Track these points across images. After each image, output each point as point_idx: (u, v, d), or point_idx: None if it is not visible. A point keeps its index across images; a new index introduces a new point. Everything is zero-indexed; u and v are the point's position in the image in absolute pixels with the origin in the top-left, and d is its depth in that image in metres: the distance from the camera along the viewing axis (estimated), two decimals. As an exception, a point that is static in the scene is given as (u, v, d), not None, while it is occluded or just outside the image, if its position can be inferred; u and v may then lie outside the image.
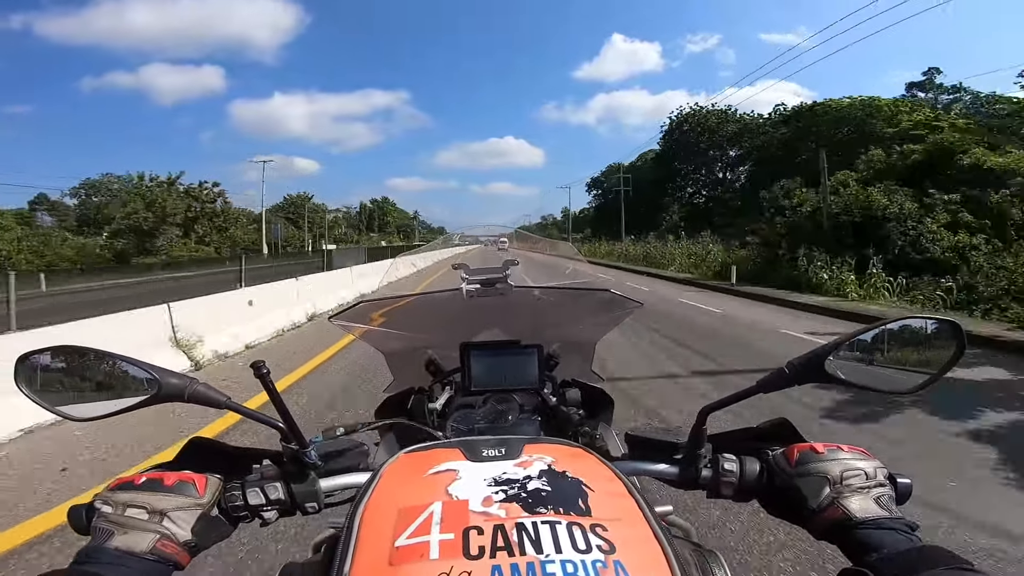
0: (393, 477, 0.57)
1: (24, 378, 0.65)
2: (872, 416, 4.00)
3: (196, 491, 0.60)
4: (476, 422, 1.02)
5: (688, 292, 13.60)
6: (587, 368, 1.25)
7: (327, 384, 5.14)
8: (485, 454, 0.59)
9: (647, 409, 4.23)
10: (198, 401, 0.64)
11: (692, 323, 8.73)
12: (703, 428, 0.71)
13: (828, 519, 0.59)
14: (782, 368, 0.65)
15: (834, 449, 0.64)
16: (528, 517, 0.47)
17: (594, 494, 0.52)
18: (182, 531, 0.57)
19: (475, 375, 1.04)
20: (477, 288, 1.14)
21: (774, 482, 0.67)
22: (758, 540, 2.30)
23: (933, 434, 3.71)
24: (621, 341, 6.55)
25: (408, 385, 1.14)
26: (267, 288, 8.75)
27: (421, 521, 0.47)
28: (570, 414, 1.01)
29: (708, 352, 6.39)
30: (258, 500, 0.66)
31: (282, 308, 8.32)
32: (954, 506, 2.61)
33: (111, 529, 0.54)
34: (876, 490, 0.60)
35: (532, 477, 0.53)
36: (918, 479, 0.64)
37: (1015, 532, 2.38)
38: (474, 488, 0.52)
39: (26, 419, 3.85)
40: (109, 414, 0.65)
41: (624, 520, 0.49)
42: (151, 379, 0.63)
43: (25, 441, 3.80)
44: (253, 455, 0.73)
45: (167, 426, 3.74)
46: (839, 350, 0.64)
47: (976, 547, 2.25)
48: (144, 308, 5.86)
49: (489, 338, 1.18)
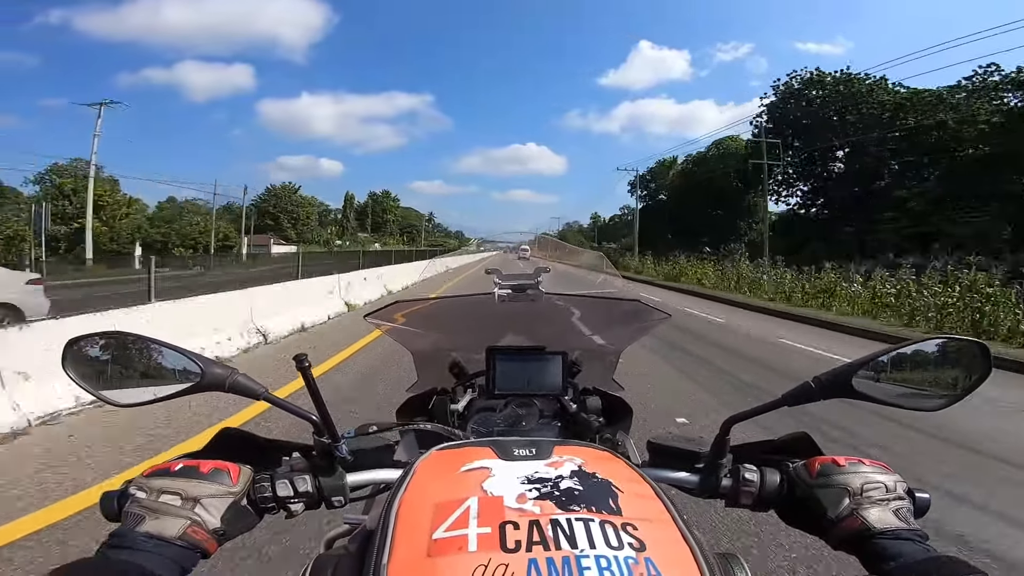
0: (427, 473, 0.58)
1: (71, 362, 0.67)
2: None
3: (230, 480, 0.61)
4: (496, 425, 1.04)
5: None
6: (609, 376, 1.26)
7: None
8: (516, 453, 0.60)
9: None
10: (237, 391, 0.65)
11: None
12: (726, 439, 0.73)
13: (846, 529, 0.61)
14: (808, 382, 0.67)
15: (855, 463, 0.65)
16: (562, 514, 0.48)
17: (623, 495, 0.53)
18: (212, 518, 0.58)
19: (499, 379, 1.05)
20: (508, 293, 1.16)
21: (794, 492, 0.68)
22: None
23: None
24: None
25: (431, 385, 1.16)
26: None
27: (458, 515, 0.49)
28: (590, 421, 1.03)
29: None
30: (287, 492, 0.67)
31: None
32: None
33: (143, 514, 0.55)
34: (895, 503, 0.62)
35: (564, 477, 0.55)
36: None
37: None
38: (508, 485, 0.53)
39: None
40: (151, 401, 0.66)
41: (653, 521, 0.50)
42: (195, 368, 0.65)
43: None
44: (282, 447, 0.75)
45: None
46: (866, 367, 0.66)
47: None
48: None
49: (514, 343, 1.19)
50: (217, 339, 6.22)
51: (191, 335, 5.58)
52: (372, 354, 6.45)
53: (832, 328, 11.07)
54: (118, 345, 0.68)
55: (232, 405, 4.04)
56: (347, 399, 4.60)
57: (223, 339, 6.37)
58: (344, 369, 5.93)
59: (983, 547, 2.49)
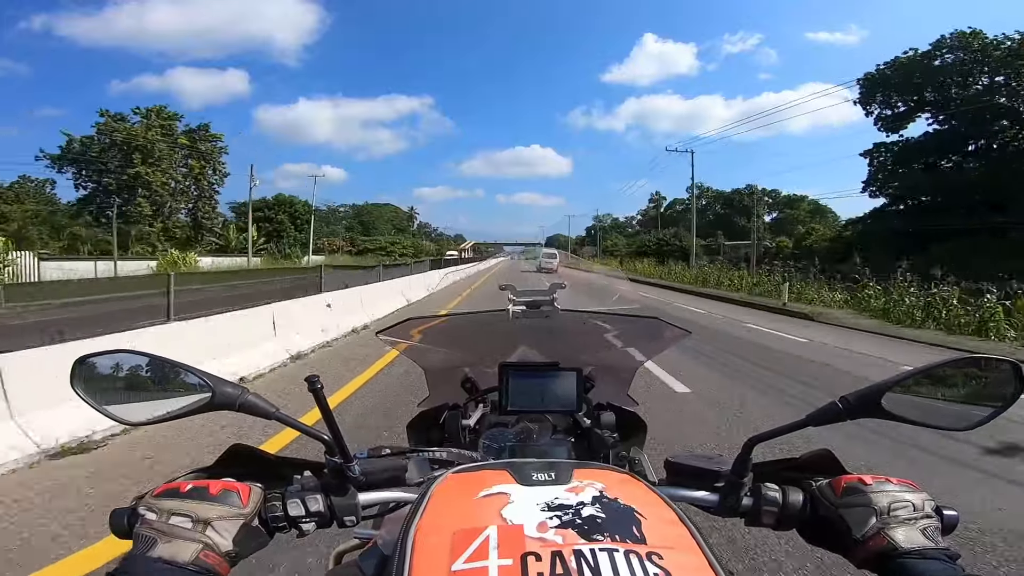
0: (443, 498, 0.56)
1: (80, 380, 0.66)
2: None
3: (240, 501, 0.59)
4: (508, 441, 1.02)
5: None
6: (623, 392, 1.24)
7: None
8: (535, 478, 0.59)
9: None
10: (248, 411, 0.64)
11: None
12: (748, 458, 0.71)
13: (872, 548, 0.59)
14: (835, 402, 0.65)
15: (882, 481, 0.64)
16: (585, 544, 0.47)
17: (647, 521, 0.51)
18: (224, 541, 0.56)
19: (513, 396, 1.04)
20: (523, 310, 1.15)
21: (818, 512, 0.67)
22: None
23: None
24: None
25: (443, 401, 1.15)
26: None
27: (478, 545, 0.47)
28: (604, 437, 1.01)
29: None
30: (298, 511, 0.66)
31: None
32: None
33: (154, 537, 0.54)
34: (923, 521, 0.60)
35: (585, 503, 0.53)
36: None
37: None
38: (528, 513, 0.52)
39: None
40: (160, 419, 0.65)
41: (678, 548, 0.48)
42: (205, 387, 0.64)
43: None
44: (293, 465, 0.74)
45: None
46: (896, 387, 0.64)
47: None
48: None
49: (527, 358, 1.18)
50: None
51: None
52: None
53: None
54: (127, 363, 0.67)
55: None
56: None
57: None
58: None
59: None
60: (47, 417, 3.47)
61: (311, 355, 6.84)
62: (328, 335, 7.74)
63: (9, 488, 2.95)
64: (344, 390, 5.18)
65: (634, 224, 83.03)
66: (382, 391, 5.16)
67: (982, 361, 0.67)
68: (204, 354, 4.98)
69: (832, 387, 5.59)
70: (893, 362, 7.27)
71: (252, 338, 6.03)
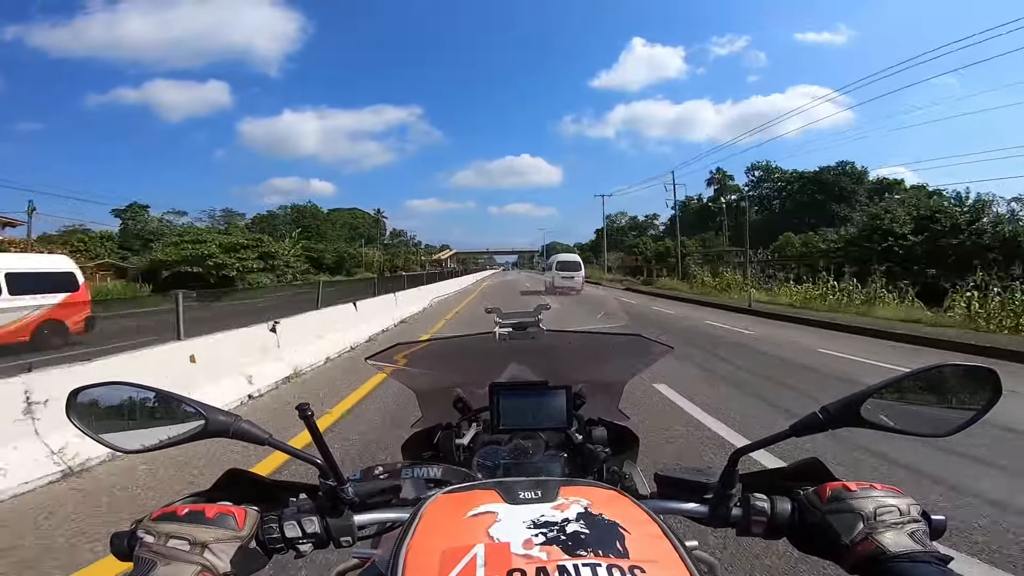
0: (433, 517, 0.57)
1: (76, 411, 0.68)
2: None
3: (236, 523, 0.61)
4: (502, 459, 1.03)
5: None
6: (614, 407, 1.25)
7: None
8: (522, 496, 0.60)
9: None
10: (242, 438, 0.66)
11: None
12: (735, 469, 0.72)
13: (861, 553, 0.60)
14: (816, 413, 0.66)
15: (867, 487, 0.65)
16: (569, 560, 0.48)
17: (631, 536, 0.52)
18: (222, 563, 0.58)
19: (504, 415, 1.05)
20: (509, 332, 1.16)
21: (806, 519, 0.68)
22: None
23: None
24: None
25: (435, 421, 1.16)
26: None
27: (466, 563, 0.48)
28: (596, 452, 1.02)
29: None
30: (294, 533, 0.67)
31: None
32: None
33: (154, 560, 0.56)
34: (910, 526, 0.61)
35: (570, 520, 0.54)
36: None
37: None
38: (514, 530, 0.53)
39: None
40: (156, 447, 0.67)
41: (660, 562, 0.49)
42: (198, 416, 0.66)
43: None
44: (288, 488, 0.75)
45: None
46: (874, 396, 0.66)
47: None
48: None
49: (517, 377, 1.19)
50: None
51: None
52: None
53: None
54: (122, 394, 0.69)
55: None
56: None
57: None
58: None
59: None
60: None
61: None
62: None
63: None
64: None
65: (661, 222, 70.21)
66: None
67: (960, 368, 0.69)
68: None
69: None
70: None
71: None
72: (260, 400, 5.66)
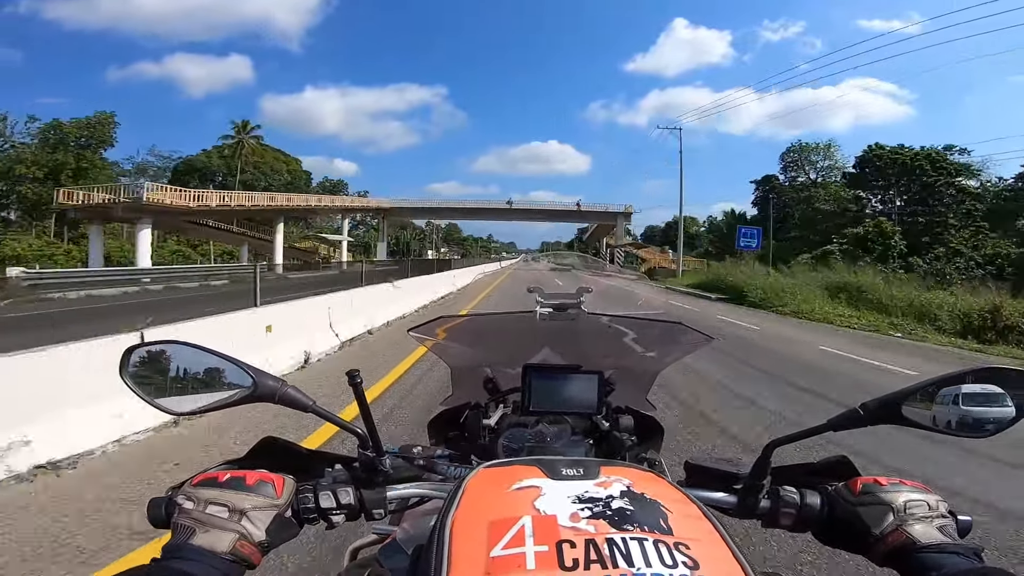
0: (477, 490, 0.58)
1: (128, 370, 0.69)
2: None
3: (275, 491, 0.61)
4: (527, 441, 1.04)
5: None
6: (642, 397, 1.26)
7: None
8: (564, 472, 0.61)
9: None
10: (287, 403, 0.67)
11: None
12: (768, 461, 0.73)
13: (891, 544, 0.62)
14: (856, 408, 0.67)
15: (896, 483, 0.66)
16: (617, 533, 0.49)
17: (672, 515, 0.53)
18: (258, 531, 0.59)
19: (535, 396, 1.06)
20: (550, 312, 1.17)
21: (835, 512, 0.69)
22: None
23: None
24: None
25: (465, 400, 1.17)
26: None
27: (514, 533, 0.49)
28: (623, 439, 1.03)
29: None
30: (329, 503, 0.68)
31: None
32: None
33: (193, 526, 0.57)
34: (939, 520, 0.62)
35: (614, 497, 0.55)
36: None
37: None
38: (560, 504, 0.54)
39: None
40: (204, 410, 0.68)
41: (703, 540, 0.50)
42: (247, 379, 0.67)
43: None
44: (323, 458, 0.76)
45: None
46: (916, 395, 0.67)
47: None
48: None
49: (550, 360, 1.20)
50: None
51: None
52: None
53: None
54: (174, 354, 0.70)
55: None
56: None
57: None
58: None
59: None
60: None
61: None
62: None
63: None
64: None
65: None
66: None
67: (1001, 371, 0.69)
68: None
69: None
70: None
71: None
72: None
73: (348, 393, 0.71)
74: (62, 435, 3.33)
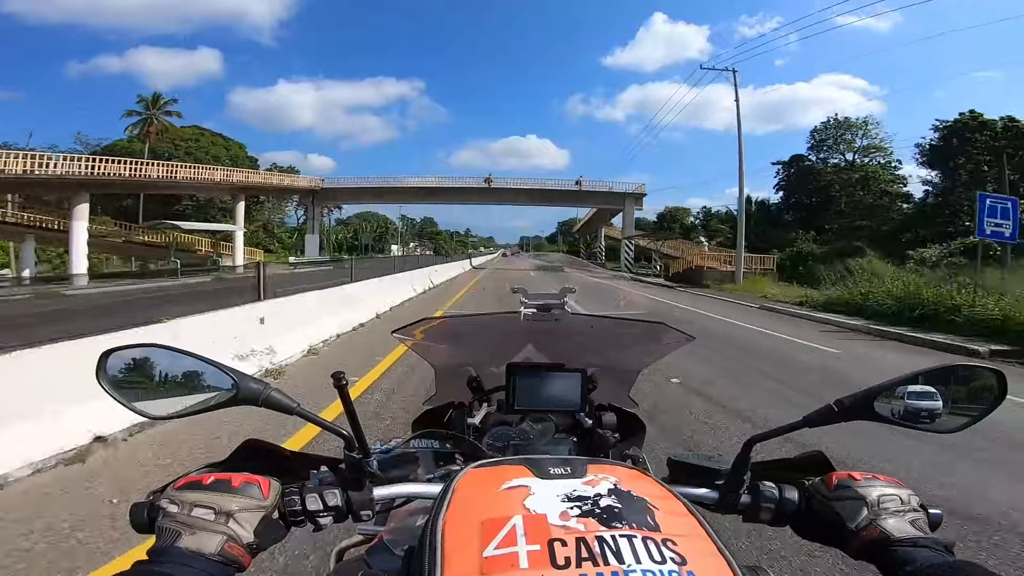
0: (467, 490, 0.58)
1: (105, 373, 0.67)
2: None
3: (261, 493, 0.61)
4: (512, 439, 1.05)
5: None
6: (624, 394, 1.28)
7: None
8: (552, 471, 0.61)
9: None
10: (271, 406, 0.66)
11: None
12: (748, 457, 0.74)
13: (866, 539, 0.63)
14: (831, 405, 0.69)
15: (871, 478, 0.68)
16: (606, 531, 0.50)
17: (659, 512, 0.54)
18: (246, 533, 0.58)
19: (519, 395, 1.06)
20: (534, 312, 1.18)
21: (812, 507, 0.71)
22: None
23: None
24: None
25: (449, 399, 1.17)
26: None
27: (505, 533, 0.50)
28: (606, 437, 1.04)
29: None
30: (316, 505, 0.67)
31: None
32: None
33: (178, 529, 0.56)
34: (911, 514, 0.64)
35: (602, 495, 0.56)
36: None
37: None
38: (549, 503, 0.54)
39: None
40: (183, 414, 0.67)
41: (690, 536, 0.51)
42: (230, 382, 0.65)
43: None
44: (308, 460, 0.75)
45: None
46: (887, 391, 0.69)
47: None
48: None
49: (534, 359, 1.21)
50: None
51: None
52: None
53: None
54: (154, 357, 0.68)
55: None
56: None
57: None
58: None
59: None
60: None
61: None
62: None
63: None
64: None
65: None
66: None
67: (969, 368, 0.72)
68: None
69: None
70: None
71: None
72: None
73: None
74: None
